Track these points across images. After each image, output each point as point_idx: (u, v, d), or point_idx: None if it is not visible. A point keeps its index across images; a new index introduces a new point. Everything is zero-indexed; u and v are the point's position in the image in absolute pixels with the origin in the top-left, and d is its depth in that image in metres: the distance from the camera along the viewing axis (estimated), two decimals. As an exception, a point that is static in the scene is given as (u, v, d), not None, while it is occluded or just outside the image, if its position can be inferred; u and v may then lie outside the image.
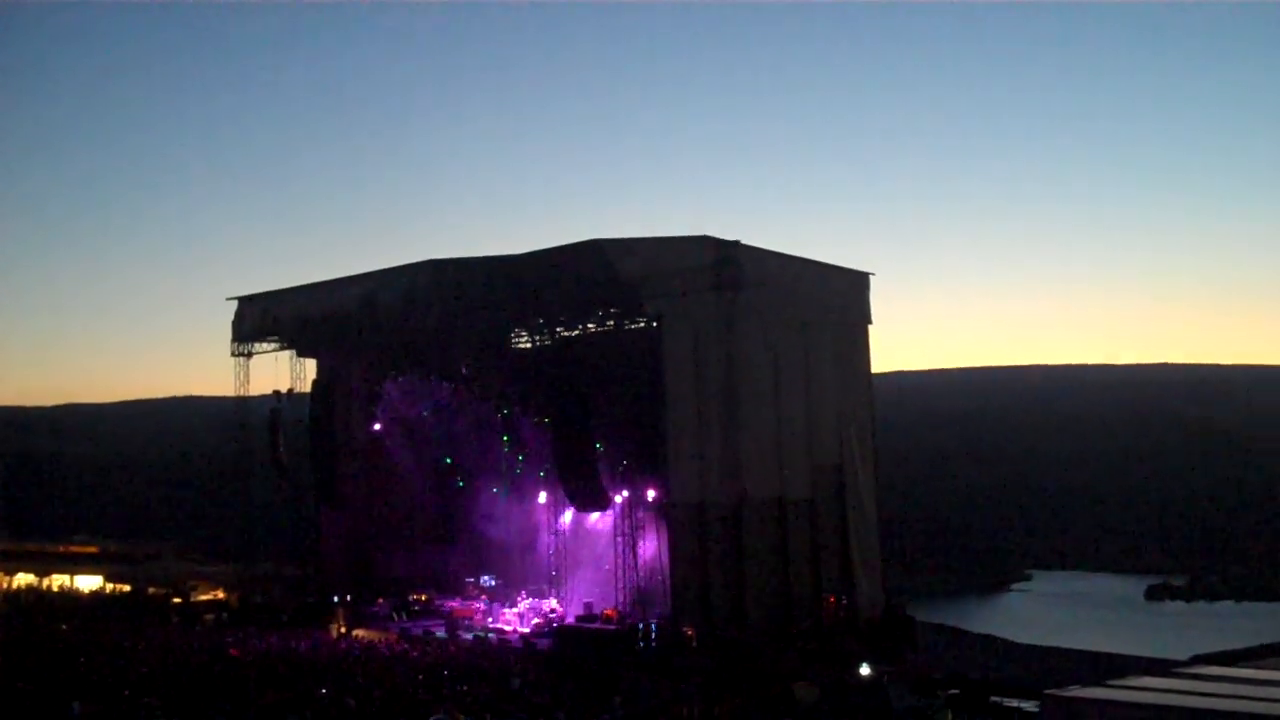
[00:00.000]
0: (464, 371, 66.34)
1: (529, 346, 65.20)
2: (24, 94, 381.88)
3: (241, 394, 67.42)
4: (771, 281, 55.63)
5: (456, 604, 60.98)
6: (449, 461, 69.26)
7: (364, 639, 54.43)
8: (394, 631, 55.82)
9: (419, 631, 55.77)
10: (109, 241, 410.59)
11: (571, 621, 55.81)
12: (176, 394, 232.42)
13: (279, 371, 67.60)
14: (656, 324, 53.77)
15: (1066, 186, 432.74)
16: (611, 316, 58.02)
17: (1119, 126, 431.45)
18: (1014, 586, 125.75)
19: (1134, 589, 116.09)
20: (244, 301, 67.04)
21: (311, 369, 68.27)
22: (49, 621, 59.68)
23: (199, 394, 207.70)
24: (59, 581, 79.51)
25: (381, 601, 62.89)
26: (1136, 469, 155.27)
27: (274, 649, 47.85)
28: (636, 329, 57.09)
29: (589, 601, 57.05)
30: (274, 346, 67.46)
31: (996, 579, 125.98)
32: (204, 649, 46.94)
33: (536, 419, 61.86)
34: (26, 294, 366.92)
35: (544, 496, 62.72)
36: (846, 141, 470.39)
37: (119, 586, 75.91)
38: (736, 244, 53.22)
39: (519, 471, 65.79)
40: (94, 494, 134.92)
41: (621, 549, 56.08)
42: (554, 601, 58.34)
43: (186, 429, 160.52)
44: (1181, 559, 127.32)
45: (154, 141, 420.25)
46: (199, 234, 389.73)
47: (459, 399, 67.76)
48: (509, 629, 56.52)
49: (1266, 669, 35.46)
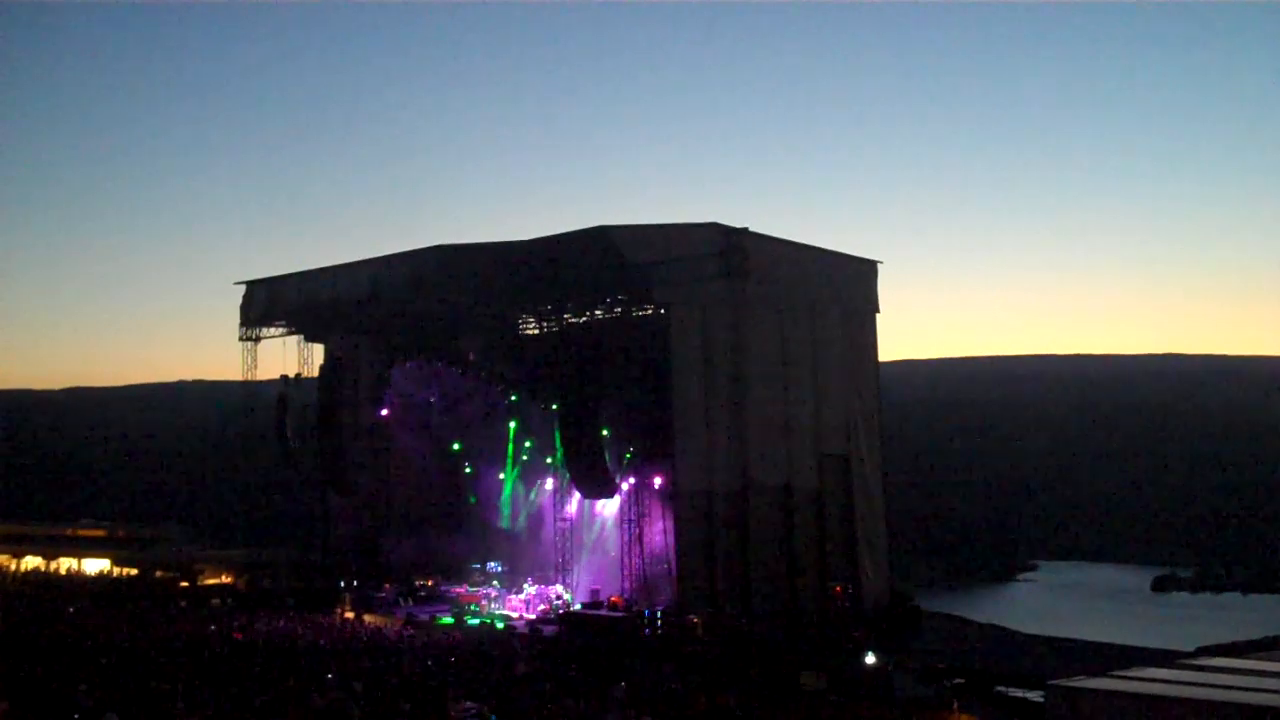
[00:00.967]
0: (471, 357, 66.42)
1: (537, 332, 65.25)
2: (37, 81, 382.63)
3: (249, 378, 67.45)
4: (779, 269, 55.53)
5: (463, 590, 61.00)
6: (456, 447, 69.33)
7: (371, 624, 54.53)
8: (400, 617, 55.88)
9: (425, 617, 55.83)
10: (117, 226, 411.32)
11: (578, 608, 55.84)
12: (184, 378, 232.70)
13: (287, 356, 67.92)
14: (664, 311, 53.68)
15: (1076, 176, 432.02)
16: (619, 303, 57.96)
17: (1130, 118, 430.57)
18: (1020, 576, 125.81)
19: (1140, 580, 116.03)
20: (252, 286, 66.97)
21: (319, 353, 68.39)
22: (56, 604, 59.79)
23: (207, 378, 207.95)
24: (66, 565, 79.70)
25: (388, 587, 62.94)
26: (1144, 460, 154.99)
27: (280, 633, 47.92)
28: (644, 316, 57.00)
29: (595, 588, 57.06)
30: (282, 331, 67.48)
31: (1002, 569, 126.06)
32: (211, 633, 47.01)
33: (544, 405, 61.83)
34: (34, 278, 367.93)
35: (551, 483, 62.74)
36: (855, 130, 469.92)
37: (126, 570, 76.01)
38: (744, 231, 53.14)
39: (526, 458, 65.86)
40: (101, 478, 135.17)
41: (628, 536, 55.99)
42: (560, 588, 58.33)
43: (194, 413, 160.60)
44: (1188, 551, 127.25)
45: (164, 128, 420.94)
46: (207, 218, 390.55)
47: (466, 385, 67.83)
48: (515, 615, 56.54)
49: (1272, 660, 35.47)
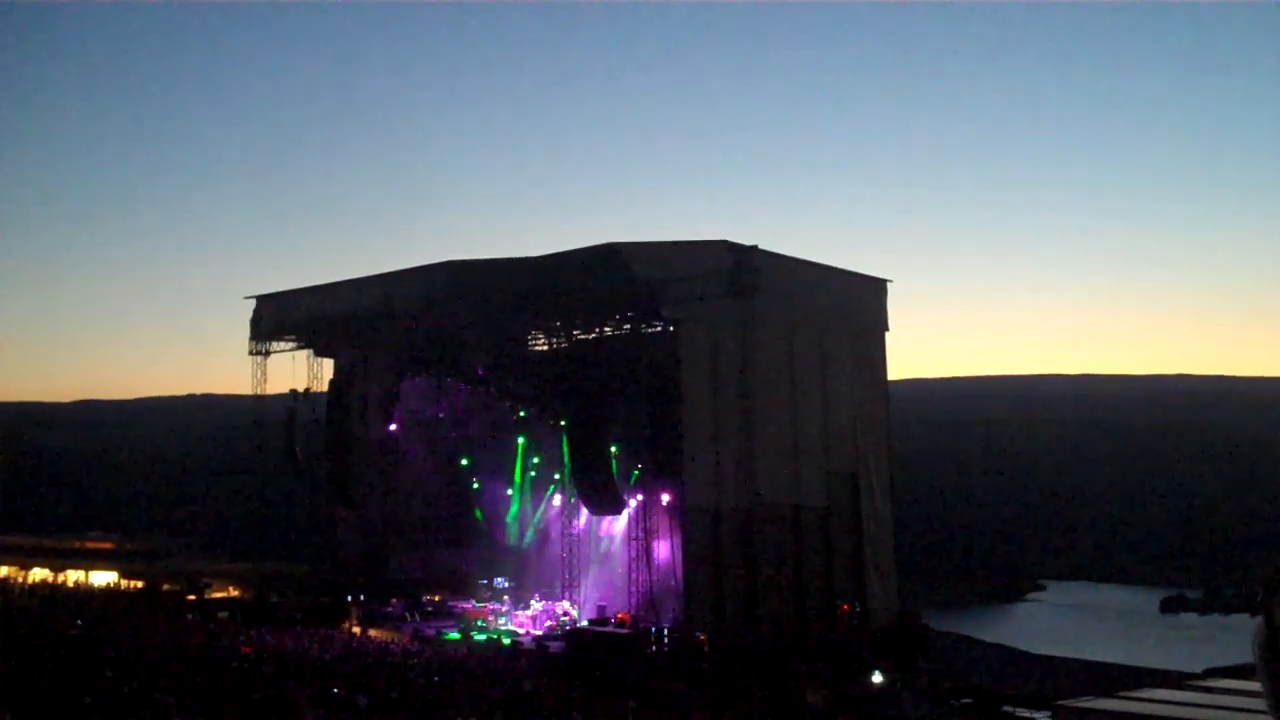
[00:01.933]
0: (480, 373, 66.44)
1: (546, 349, 65.25)
2: (47, 96, 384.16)
3: (258, 393, 67.39)
4: (789, 287, 55.54)
5: (470, 605, 60.95)
6: (464, 463, 69.34)
7: (378, 639, 54.50)
8: (407, 632, 55.85)
9: (432, 632, 55.79)
10: (128, 240, 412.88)
11: (584, 625, 55.76)
12: (194, 392, 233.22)
13: (296, 371, 67.86)
14: (673, 328, 53.71)
15: (1086, 197, 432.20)
16: (628, 320, 57.97)
17: (1141, 139, 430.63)
18: (1028, 596, 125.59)
19: (1148, 601, 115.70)
20: (262, 300, 67.10)
21: (328, 369, 68.41)
22: (63, 617, 59.81)
23: (216, 392, 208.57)
24: (74, 577, 79.76)
25: (395, 602, 62.87)
26: (1152, 480, 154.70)
27: (288, 647, 47.91)
28: (653, 333, 57.01)
29: (602, 605, 56.95)
30: (291, 346, 67.54)
31: (1010, 589, 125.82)
32: (217, 646, 47.00)
33: (552, 421, 61.86)
34: (45, 292, 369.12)
35: (558, 499, 62.72)
36: (866, 148, 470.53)
37: (133, 583, 76.05)
38: (754, 249, 53.15)
39: (534, 474, 65.86)
40: (110, 491, 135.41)
41: (635, 553, 55.91)
42: (567, 604, 58.25)
43: (203, 427, 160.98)
44: (1196, 571, 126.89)
45: (175, 142, 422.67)
46: (218, 233, 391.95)
47: (475, 400, 67.86)
48: (522, 631, 56.48)
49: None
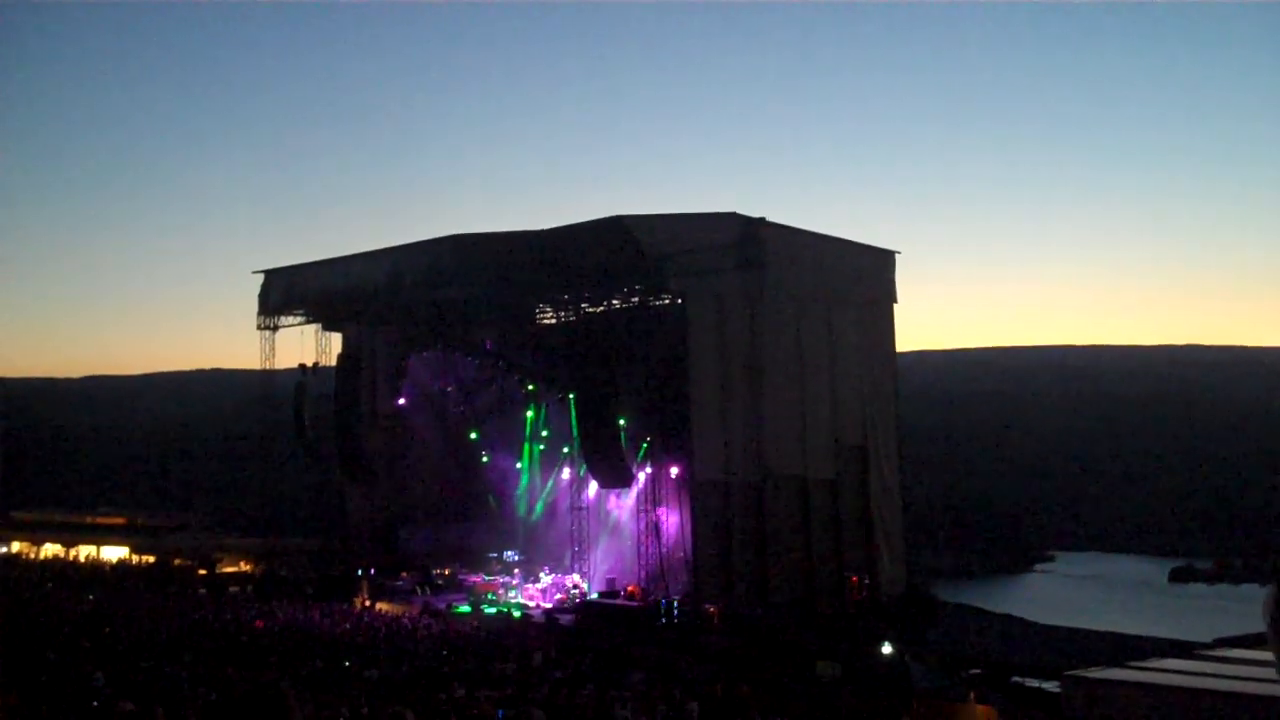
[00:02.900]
0: (489, 347, 66.43)
1: (554, 322, 65.27)
2: (54, 71, 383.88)
3: (267, 367, 67.51)
4: (796, 259, 55.46)
5: (480, 579, 61.08)
6: (473, 436, 69.39)
7: (388, 613, 54.67)
8: (417, 605, 56.00)
9: (442, 606, 55.93)
10: (136, 215, 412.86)
11: (594, 598, 55.92)
12: (203, 366, 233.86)
13: (305, 345, 67.90)
14: (681, 301, 53.65)
15: (1094, 166, 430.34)
16: (636, 293, 57.85)
17: (1150, 109, 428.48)
18: (1037, 567, 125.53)
19: (1157, 571, 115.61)
20: (270, 275, 67.13)
21: (337, 343, 68.48)
22: (75, 592, 60.08)
23: (225, 367, 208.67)
24: (85, 552, 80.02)
25: (405, 576, 63.02)
26: (1161, 450, 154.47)
27: (298, 622, 48.07)
28: (661, 305, 56.92)
29: (612, 578, 57.07)
30: (300, 320, 67.60)
31: (1019, 559, 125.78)
32: (229, 620, 47.18)
33: (560, 395, 61.86)
34: (53, 268, 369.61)
35: (567, 472, 62.73)
36: (873, 120, 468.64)
37: (144, 558, 76.28)
38: (761, 221, 53.07)
39: (543, 447, 65.91)
40: (120, 466, 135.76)
41: (644, 525, 55.98)
42: (577, 577, 58.37)
43: (212, 402, 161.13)
44: (1206, 541, 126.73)
45: (182, 117, 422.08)
46: (226, 208, 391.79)
47: (483, 374, 67.89)
48: (532, 604, 56.62)
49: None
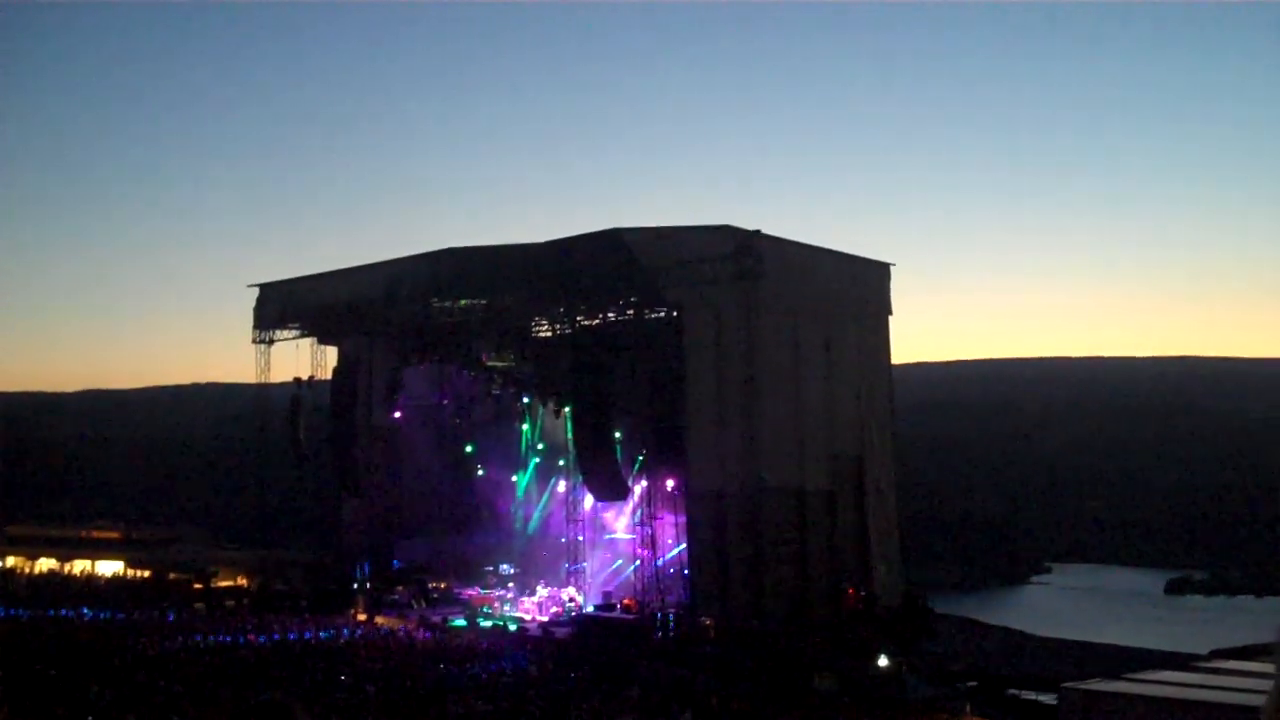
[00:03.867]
0: (484, 359, 66.37)
1: (550, 335, 65.22)
2: (50, 82, 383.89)
3: (263, 381, 67.44)
4: (792, 271, 55.47)
5: (475, 592, 61.02)
6: (469, 449, 69.30)
7: (384, 626, 54.59)
8: (413, 619, 55.93)
9: (438, 619, 55.87)
10: (131, 228, 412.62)
11: (590, 610, 55.83)
12: (198, 380, 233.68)
13: (300, 359, 67.71)
14: (677, 313, 53.69)
15: (1089, 179, 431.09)
16: (632, 305, 57.89)
17: (1142, 121, 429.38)
18: (1033, 579, 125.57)
19: (1154, 583, 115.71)
20: (266, 288, 67.10)
21: (332, 356, 68.32)
22: (70, 606, 59.89)
23: (220, 380, 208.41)
24: (80, 567, 79.77)
25: (401, 589, 62.95)
26: (1157, 463, 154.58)
27: (294, 635, 48.01)
28: (657, 318, 56.93)
29: (608, 590, 57.06)
30: (295, 334, 67.50)
31: (1016, 571, 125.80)
32: (224, 634, 47.12)
33: (556, 407, 61.84)
34: (49, 280, 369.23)
35: (563, 485, 62.70)
36: (868, 132, 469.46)
37: (140, 572, 76.07)
38: (757, 233, 53.08)
39: (538, 460, 65.85)
40: (115, 480, 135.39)
41: (640, 538, 55.95)
42: (572, 590, 58.31)
43: (208, 415, 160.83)
44: (1202, 553, 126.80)
45: (178, 130, 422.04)
46: (221, 221, 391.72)
47: (479, 387, 67.82)
48: (528, 617, 56.54)
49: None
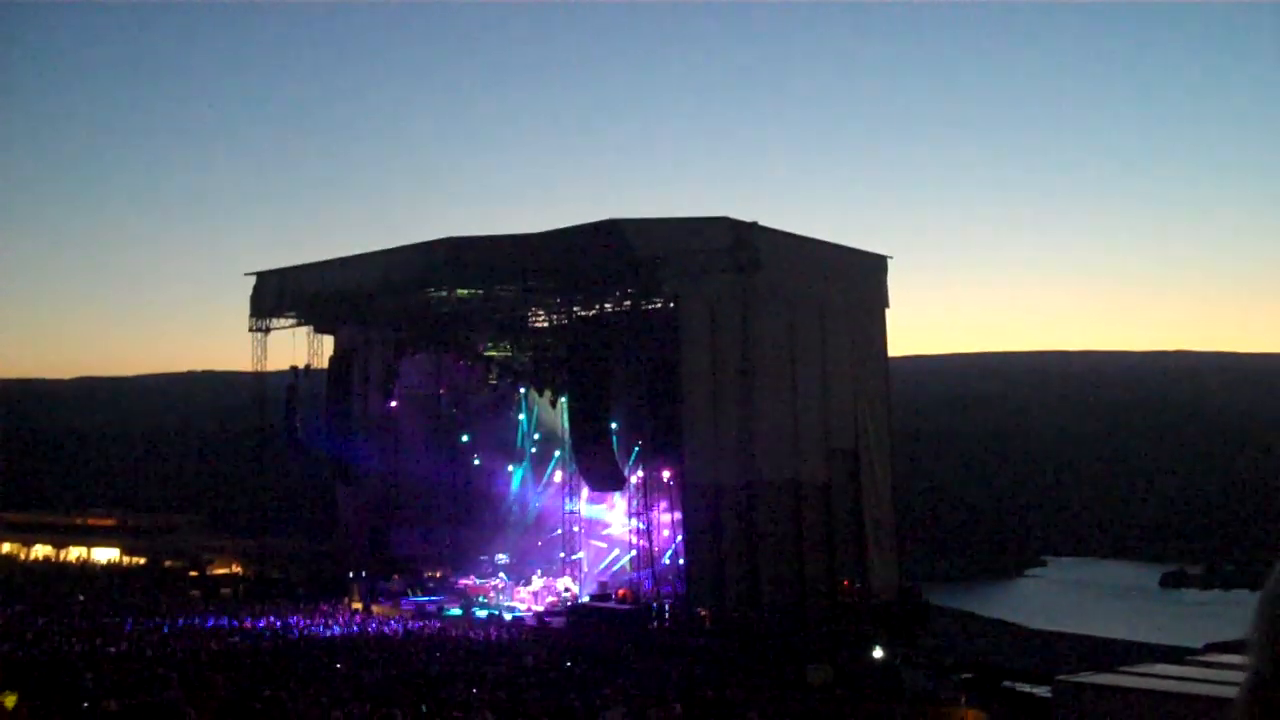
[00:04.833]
0: (481, 349, 66.34)
1: (546, 325, 65.18)
2: (48, 72, 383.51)
3: (259, 369, 67.36)
4: (789, 263, 55.44)
5: (471, 581, 61.06)
6: (465, 439, 69.27)
7: (379, 615, 54.65)
8: (409, 608, 55.97)
9: (434, 608, 55.91)
10: (128, 216, 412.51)
11: (585, 601, 55.87)
12: (194, 368, 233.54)
13: (296, 347, 67.82)
14: (674, 304, 53.66)
15: (1087, 172, 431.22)
16: (629, 296, 57.84)
17: (1142, 115, 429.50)
18: (1029, 572, 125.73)
19: (1149, 576, 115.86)
20: (263, 277, 67.02)
21: (329, 345, 68.34)
22: (65, 593, 59.96)
23: (217, 368, 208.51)
24: (76, 554, 79.89)
25: (397, 578, 62.96)
26: (1153, 456, 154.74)
27: (290, 624, 48.02)
28: (654, 309, 56.88)
29: (603, 581, 57.06)
30: (292, 322, 67.46)
31: (1011, 564, 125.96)
32: (220, 622, 47.14)
33: (553, 398, 61.83)
34: (44, 268, 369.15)
35: (559, 475, 62.72)
36: (865, 124, 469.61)
37: (135, 559, 76.17)
38: (754, 225, 53.05)
39: (534, 450, 65.86)
40: (111, 467, 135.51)
41: (636, 529, 55.97)
42: (568, 580, 58.34)
43: (204, 403, 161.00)
44: (1197, 547, 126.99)
45: (175, 119, 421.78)
46: (218, 209, 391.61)
47: (475, 377, 67.80)
48: (523, 607, 56.57)
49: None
